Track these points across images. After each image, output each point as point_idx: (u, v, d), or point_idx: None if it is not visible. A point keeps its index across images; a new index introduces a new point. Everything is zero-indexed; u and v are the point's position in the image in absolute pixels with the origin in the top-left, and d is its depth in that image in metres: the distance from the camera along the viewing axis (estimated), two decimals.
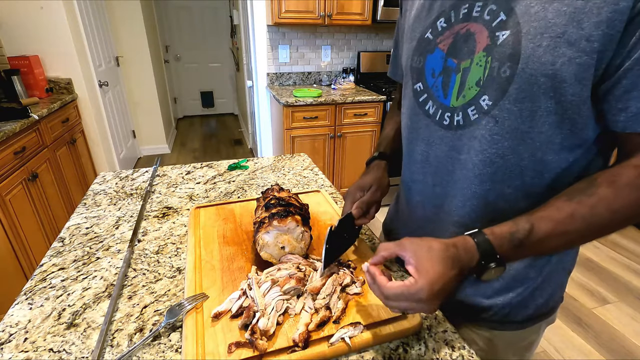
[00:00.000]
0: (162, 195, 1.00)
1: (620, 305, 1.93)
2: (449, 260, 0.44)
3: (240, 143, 4.52)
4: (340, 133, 2.59)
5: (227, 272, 0.66)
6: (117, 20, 3.47)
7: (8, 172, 1.67)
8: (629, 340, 1.72)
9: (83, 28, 2.61)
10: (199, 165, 1.21)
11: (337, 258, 0.68)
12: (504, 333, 0.66)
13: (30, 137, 1.90)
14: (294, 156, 1.30)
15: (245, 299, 0.57)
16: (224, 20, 5.16)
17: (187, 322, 0.55)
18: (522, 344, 0.69)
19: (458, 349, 0.54)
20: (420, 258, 0.44)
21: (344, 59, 3.06)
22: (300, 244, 0.68)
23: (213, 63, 5.48)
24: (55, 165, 2.17)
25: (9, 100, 2.15)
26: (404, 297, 0.43)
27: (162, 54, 4.69)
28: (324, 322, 0.54)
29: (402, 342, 0.55)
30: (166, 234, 0.82)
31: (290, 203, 0.71)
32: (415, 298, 0.42)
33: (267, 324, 0.52)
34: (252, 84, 3.10)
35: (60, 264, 0.72)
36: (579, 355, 1.64)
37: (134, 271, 0.70)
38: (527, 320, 0.65)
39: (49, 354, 0.52)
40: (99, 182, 1.08)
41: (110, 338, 0.55)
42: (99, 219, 0.88)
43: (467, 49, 0.51)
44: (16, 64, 2.25)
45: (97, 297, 0.64)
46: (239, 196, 1.01)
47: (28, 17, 2.31)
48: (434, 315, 0.60)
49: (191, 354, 0.49)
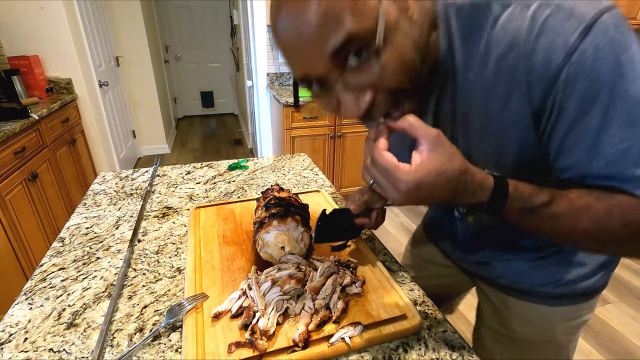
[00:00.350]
0: (162, 195, 1.00)
1: (620, 305, 1.93)
2: (455, 183, 0.41)
3: (240, 143, 4.52)
4: (340, 133, 2.59)
5: (227, 272, 0.66)
6: (117, 20, 3.47)
7: (8, 172, 1.67)
8: (629, 340, 1.72)
9: (83, 28, 2.61)
10: (199, 165, 1.21)
11: (332, 241, 0.68)
12: (562, 308, 0.67)
13: (30, 137, 1.90)
14: (294, 156, 1.30)
15: (245, 299, 0.57)
16: (224, 20, 5.16)
17: (187, 322, 0.55)
18: (577, 321, 0.70)
19: (458, 349, 0.54)
20: (432, 159, 0.40)
21: None
22: (300, 244, 0.67)
23: (213, 63, 5.48)
24: (55, 165, 2.17)
25: (9, 100, 2.15)
26: (387, 173, 0.41)
27: (162, 54, 4.69)
28: (324, 322, 0.54)
29: (402, 342, 0.55)
30: (166, 234, 0.82)
31: (290, 203, 0.70)
32: (395, 183, 0.40)
33: (267, 324, 0.52)
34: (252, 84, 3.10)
35: (60, 264, 0.72)
36: (579, 355, 1.64)
37: (134, 271, 0.70)
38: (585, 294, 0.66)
39: (49, 354, 0.52)
40: (99, 182, 1.08)
41: (110, 338, 0.55)
42: (99, 219, 0.88)
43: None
44: (16, 64, 2.25)
45: (97, 297, 0.64)
46: (239, 196, 1.00)
47: (28, 17, 2.31)
48: (434, 315, 0.61)
49: (191, 354, 0.49)
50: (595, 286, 0.66)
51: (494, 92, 0.45)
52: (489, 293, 0.77)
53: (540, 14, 0.39)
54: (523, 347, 0.74)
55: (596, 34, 0.37)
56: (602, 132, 0.40)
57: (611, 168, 0.41)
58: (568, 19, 0.38)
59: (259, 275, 0.62)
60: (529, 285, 0.68)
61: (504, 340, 0.76)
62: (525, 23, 0.40)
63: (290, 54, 0.44)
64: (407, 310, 0.57)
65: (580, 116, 0.40)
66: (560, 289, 0.66)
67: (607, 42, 0.37)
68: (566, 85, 0.39)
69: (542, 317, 0.69)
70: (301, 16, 0.39)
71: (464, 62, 0.47)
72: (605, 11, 0.38)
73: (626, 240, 0.43)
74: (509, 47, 0.42)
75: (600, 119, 0.39)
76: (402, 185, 0.40)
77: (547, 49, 0.39)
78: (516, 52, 0.41)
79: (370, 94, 0.43)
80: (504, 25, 0.42)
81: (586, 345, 1.68)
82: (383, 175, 0.42)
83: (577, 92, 0.39)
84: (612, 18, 0.38)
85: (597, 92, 0.39)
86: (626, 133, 0.39)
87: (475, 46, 0.45)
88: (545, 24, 0.39)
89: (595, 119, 0.40)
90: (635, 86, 0.38)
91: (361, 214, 0.67)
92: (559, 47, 0.38)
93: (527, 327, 0.71)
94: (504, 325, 0.75)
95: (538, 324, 0.70)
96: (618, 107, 0.39)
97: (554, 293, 0.66)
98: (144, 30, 3.59)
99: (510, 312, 0.73)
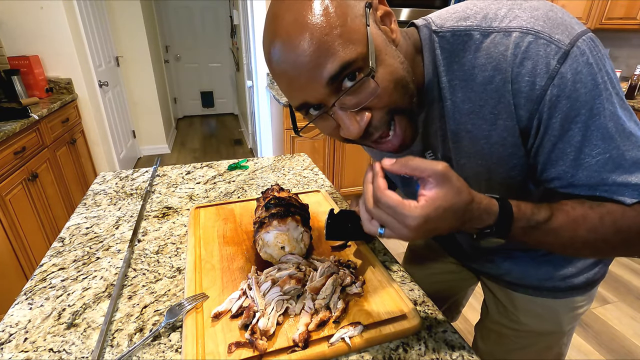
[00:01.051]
0: (162, 195, 1.00)
1: (620, 305, 1.93)
2: (462, 213, 0.41)
3: (240, 143, 4.52)
4: None
5: (227, 272, 0.66)
6: (117, 20, 3.47)
7: (8, 172, 1.67)
8: (629, 340, 1.72)
9: (83, 28, 2.61)
10: (199, 165, 1.21)
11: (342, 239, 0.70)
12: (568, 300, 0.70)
13: (30, 137, 1.90)
14: (294, 156, 1.30)
15: (245, 299, 0.57)
16: (224, 20, 5.16)
17: (187, 322, 0.55)
18: (580, 310, 0.72)
19: (458, 349, 0.54)
20: (440, 195, 0.40)
21: None
22: (300, 244, 0.68)
23: (213, 63, 5.48)
24: (55, 165, 2.17)
25: (9, 100, 2.15)
26: (393, 211, 0.40)
27: (162, 54, 4.69)
28: (324, 322, 0.54)
29: (402, 342, 0.55)
30: (166, 234, 0.82)
31: (290, 203, 0.71)
32: (403, 220, 0.40)
33: (267, 324, 0.52)
34: (252, 84, 3.10)
35: (60, 264, 0.72)
36: (579, 355, 1.64)
37: (134, 271, 0.70)
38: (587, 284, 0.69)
39: (49, 354, 0.52)
40: (99, 182, 1.08)
41: (110, 338, 0.55)
42: (99, 219, 0.88)
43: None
44: (16, 64, 2.24)
45: (97, 297, 0.64)
46: (239, 196, 1.01)
47: (28, 17, 2.31)
48: (434, 315, 0.61)
49: (191, 354, 0.49)
50: (596, 277, 0.69)
51: (482, 114, 0.48)
52: (493, 289, 0.79)
53: (522, 40, 0.42)
54: (529, 338, 0.76)
55: (574, 58, 0.41)
56: (584, 146, 0.44)
57: (594, 177, 0.45)
58: (548, 46, 0.41)
59: (259, 275, 0.62)
60: (536, 280, 0.70)
61: (510, 333, 0.78)
62: (509, 49, 0.43)
63: (286, 84, 0.45)
64: (407, 310, 0.57)
65: (564, 132, 0.44)
66: (565, 282, 0.68)
67: (584, 64, 0.41)
68: (550, 106, 0.43)
69: (548, 310, 0.72)
70: (296, 48, 0.41)
71: (450, 85, 0.49)
72: (580, 36, 0.42)
73: (619, 246, 0.46)
74: (495, 70, 0.45)
75: (582, 134, 0.43)
76: (411, 221, 0.39)
77: (531, 73, 0.42)
78: (502, 75, 0.44)
79: (368, 114, 0.45)
80: (488, 51, 0.45)
81: (586, 345, 1.68)
82: (389, 214, 0.41)
83: (560, 112, 0.43)
84: (586, 42, 0.42)
85: (578, 110, 0.43)
86: (605, 145, 0.43)
87: (460, 69, 0.48)
88: (528, 50, 0.42)
89: (578, 134, 0.44)
90: (609, 104, 0.42)
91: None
92: (542, 70, 0.42)
93: (534, 320, 0.74)
94: (509, 319, 0.77)
95: (545, 316, 0.73)
96: (597, 123, 0.43)
97: (559, 286, 0.68)
98: (144, 30, 3.59)
99: (515, 307, 0.75)
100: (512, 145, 0.49)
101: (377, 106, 0.45)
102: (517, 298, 0.74)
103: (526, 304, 0.73)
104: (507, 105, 0.46)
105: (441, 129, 0.54)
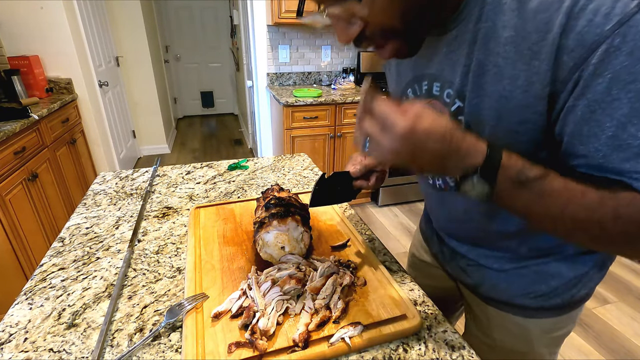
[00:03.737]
0: (162, 195, 1.00)
1: (620, 305, 1.93)
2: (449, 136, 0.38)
3: (240, 143, 4.52)
4: (340, 133, 2.59)
5: (227, 272, 0.66)
6: (117, 20, 3.47)
7: (8, 172, 1.67)
8: (629, 340, 1.72)
9: (83, 28, 2.61)
10: (199, 165, 1.21)
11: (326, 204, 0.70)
12: (541, 320, 0.65)
13: (30, 137, 1.90)
14: (294, 156, 1.30)
15: (245, 299, 0.57)
16: (224, 20, 5.16)
17: (187, 322, 0.55)
18: (556, 333, 0.68)
19: (458, 349, 0.54)
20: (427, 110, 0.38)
21: (344, 59, 3.06)
22: (300, 244, 0.68)
23: (213, 63, 5.48)
24: (55, 165, 2.17)
25: (9, 100, 2.15)
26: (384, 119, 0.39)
27: (162, 54, 4.68)
28: (324, 322, 0.54)
29: (402, 342, 0.55)
30: (166, 234, 0.82)
31: (290, 203, 0.71)
32: (392, 127, 0.38)
33: (267, 324, 0.52)
34: (252, 84, 3.10)
35: (60, 264, 0.72)
36: (579, 355, 1.64)
37: (134, 271, 0.70)
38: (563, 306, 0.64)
39: (49, 354, 0.52)
40: (99, 182, 1.08)
41: (110, 338, 0.55)
42: (99, 219, 0.88)
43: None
44: (16, 64, 2.24)
45: (97, 297, 0.64)
46: (239, 196, 1.01)
47: (28, 17, 2.31)
48: (434, 315, 0.61)
49: (191, 354, 0.49)
50: (575, 299, 0.64)
51: (520, 47, 0.41)
52: (471, 302, 0.76)
53: None
54: (502, 355, 0.72)
55: None
56: (630, 122, 0.35)
57: (630, 163, 0.37)
58: None
59: (259, 275, 0.62)
60: (506, 295, 0.67)
61: (485, 348, 0.75)
62: None
63: None
64: (407, 311, 0.57)
65: (608, 100, 0.36)
66: (537, 301, 0.64)
67: None
68: (603, 59, 0.35)
69: (519, 328, 0.67)
70: None
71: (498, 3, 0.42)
72: None
73: (617, 237, 0.39)
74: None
75: (631, 106, 0.35)
76: (400, 129, 0.37)
77: (597, 11, 0.34)
78: (561, 3, 0.36)
79: (359, 26, 0.45)
80: None
81: (586, 346, 1.68)
82: (379, 123, 0.40)
83: (612, 70, 0.35)
84: None
85: (635, 75, 0.34)
86: None
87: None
88: None
89: (625, 106, 0.35)
90: None
91: (360, 177, 0.67)
92: (613, 11, 0.34)
93: (505, 337, 0.70)
94: (484, 334, 0.74)
95: (516, 335, 0.69)
96: None
97: (529, 305, 0.65)
98: (144, 30, 3.59)
99: (489, 321, 0.72)
100: (534, 96, 0.41)
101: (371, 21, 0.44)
102: (491, 313, 0.70)
103: (499, 320, 0.69)
104: (551, 45, 0.37)
105: (468, 57, 0.46)
